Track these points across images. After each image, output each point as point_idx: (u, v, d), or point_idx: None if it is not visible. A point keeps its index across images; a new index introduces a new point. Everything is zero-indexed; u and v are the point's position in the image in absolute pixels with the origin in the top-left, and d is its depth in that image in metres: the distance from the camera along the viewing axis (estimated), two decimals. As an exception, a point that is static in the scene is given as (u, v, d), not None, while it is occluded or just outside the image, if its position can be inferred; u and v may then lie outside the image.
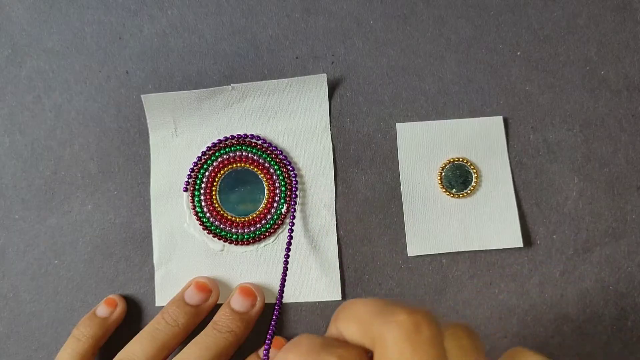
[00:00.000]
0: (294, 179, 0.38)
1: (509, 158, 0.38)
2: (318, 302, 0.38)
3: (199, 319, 0.36)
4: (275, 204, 0.38)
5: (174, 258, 0.38)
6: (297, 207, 0.38)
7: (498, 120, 0.38)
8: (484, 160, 0.38)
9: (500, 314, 0.38)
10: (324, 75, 0.38)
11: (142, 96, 0.38)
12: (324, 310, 0.39)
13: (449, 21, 0.39)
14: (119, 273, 0.39)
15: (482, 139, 0.38)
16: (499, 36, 0.39)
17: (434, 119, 0.39)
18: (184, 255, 0.38)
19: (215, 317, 0.36)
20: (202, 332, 0.35)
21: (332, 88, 0.39)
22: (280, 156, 0.38)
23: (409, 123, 0.38)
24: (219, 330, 0.35)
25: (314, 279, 0.38)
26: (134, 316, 0.38)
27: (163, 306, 0.38)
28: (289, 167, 0.38)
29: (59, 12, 0.39)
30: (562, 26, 0.39)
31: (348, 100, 0.39)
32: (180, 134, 0.38)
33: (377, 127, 0.39)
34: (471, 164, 0.38)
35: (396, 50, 0.39)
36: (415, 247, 0.38)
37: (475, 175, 0.38)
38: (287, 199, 0.38)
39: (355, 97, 0.39)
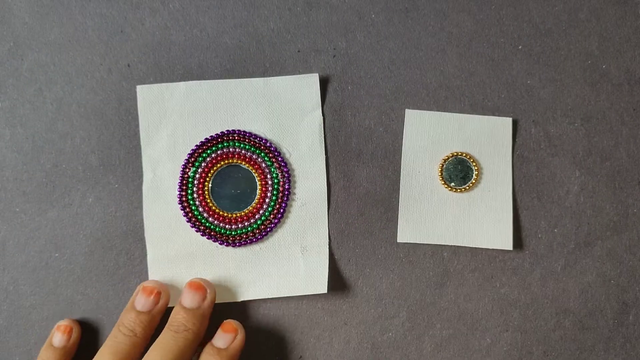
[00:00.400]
0: (286, 175, 0.38)
1: (512, 157, 0.38)
2: (319, 295, 0.38)
3: (155, 323, 0.36)
4: (267, 200, 0.38)
5: (166, 242, 0.38)
6: (289, 202, 0.38)
7: (507, 122, 0.38)
8: (487, 158, 0.38)
9: (502, 307, 0.38)
10: (316, 75, 0.38)
11: (137, 87, 0.38)
12: (324, 304, 0.38)
13: (451, 15, 0.39)
14: (120, 266, 0.39)
15: (488, 137, 0.38)
16: (500, 30, 0.39)
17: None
18: (176, 242, 0.38)
19: (170, 319, 0.36)
20: (161, 336, 0.35)
21: (334, 81, 0.39)
22: (272, 149, 0.38)
23: (417, 111, 0.38)
24: (176, 331, 0.35)
25: (302, 271, 0.38)
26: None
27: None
28: (281, 163, 0.38)
29: (61, 5, 0.39)
30: (563, 20, 0.39)
31: (349, 94, 0.39)
32: (169, 127, 0.38)
33: (379, 120, 0.39)
34: (474, 161, 0.38)
35: (397, 44, 0.39)
36: (406, 234, 0.38)
37: (476, 172, 0.38)
38: (280, 194, 0.38)
39: (357, 91, 0.39)
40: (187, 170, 0.38)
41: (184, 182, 0.38)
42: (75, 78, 0.39)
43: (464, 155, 0.38)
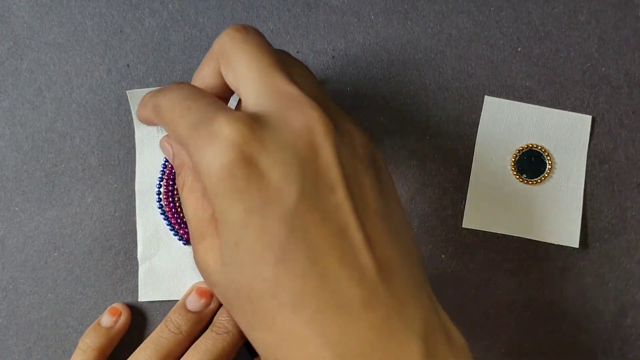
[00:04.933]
0: None
1: (587, 158, 0.38)
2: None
3: (202, 324, 0.37)
4: None
5: (158, 253, 0.38)
6: None
7: (586, 119, 0.38)
8: (561, 154, 0.38)
9: (499, 310, 0.38)
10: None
11: (127, 92, 0.38)
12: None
13: (450, 16, 0.39)
14: (118, 266, 0.39)
15: (565, 133, 0.38)
16: (499, 32, 0.39)
17: (434, 114, 0.39)
18: (169, 250, 0.38)
19: (214, 320, 0.36)
20: (202, 336, 0.36)
21: (333, 83, 0.39)
22: None
23: (497, 99, 0.38)
24: (217, 332, 0.35)
25: None
26: (133, 310, 0.38)
27: (146, 301, 0.38)
28: None
29: (60, 5, 0.39)
30: (563, 22, 0.39)
31: (348, 95, 0.39)
32: (162, 131, 0.39)
33: (378, 121, 0.39)
34: (548, 155, 0.38)
35: (397, 45, 0.39)
36: (472, 220, 0.38)
37: (550, 166, 0.38)
38: None
39: (356, 92, 0.39)
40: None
41: (175, 182, 0.38)
42: (74, 78, 0.39)
43: (540, 148, 0.38)
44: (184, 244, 0.38)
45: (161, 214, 0.38)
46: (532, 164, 0.38)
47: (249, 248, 0.23)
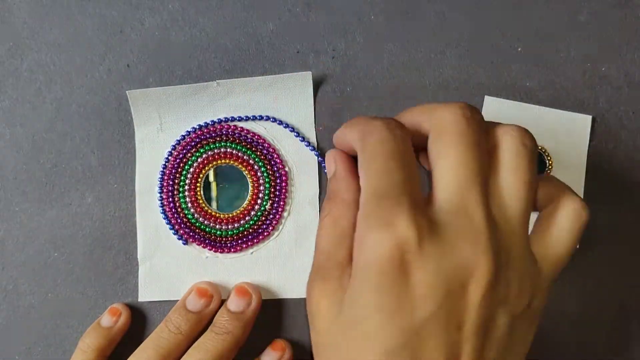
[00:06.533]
0: (278, 174, 0.38)
1: (587, 158, 0.38)
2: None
3: (202, 324, 0.37)
4: (259, 201, 0.38)
5: (157, 253, 0.38)
6: (281, 204, 0.38)
7: (586, 119, 0.38)
8: (561, 153, 0.38)
9: (499, 309, 0.38)
10: (309, 73, 0.38)
11: (127, 92, 0.38)
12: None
13: (450, 17, 0.39)
14: (118, 266, 0.39)
15: (565, 133, 0.38)
16: (500, 32, 0.39)
17: (434, 114, 0.39)
18: (169, 250, 0.38)
19: (214, 320, 0.37)
20: (202, 336, 0.36)
21: (333, 83, 0.39)
22: (265, 152, 0.38)
23: (497, 99, 0.38)
24: (217, 333, 0.35)
25: (296, 276, 0.38)
26: (132, 310, 0.39)
27: (146, 301, 0.39)
28: (273, 164, 0.38)
29: (60, 6, 0.39)
30: (563, 22, 0.39)
31: (348, 95, 0.39)
32: (165, 130, 0.39)
33: (377, 122, 0.39)
34: (548, 154, 0.38)
35: (397, 46, 0.39)
36: None
37: (550, 166, 0.38)
38: (272, 195, 0.38)
39: (356, 92, 0.39)
40: (179, 170, 0.38)
41: (177, 182, 0.38)
42: (74, 78, 0.39)
43: (540, 148, 0.38)
44: (184, 243, 0.38)
45: (161, 213, 0.38)
46: None
47: (364, 333, 0.24)
